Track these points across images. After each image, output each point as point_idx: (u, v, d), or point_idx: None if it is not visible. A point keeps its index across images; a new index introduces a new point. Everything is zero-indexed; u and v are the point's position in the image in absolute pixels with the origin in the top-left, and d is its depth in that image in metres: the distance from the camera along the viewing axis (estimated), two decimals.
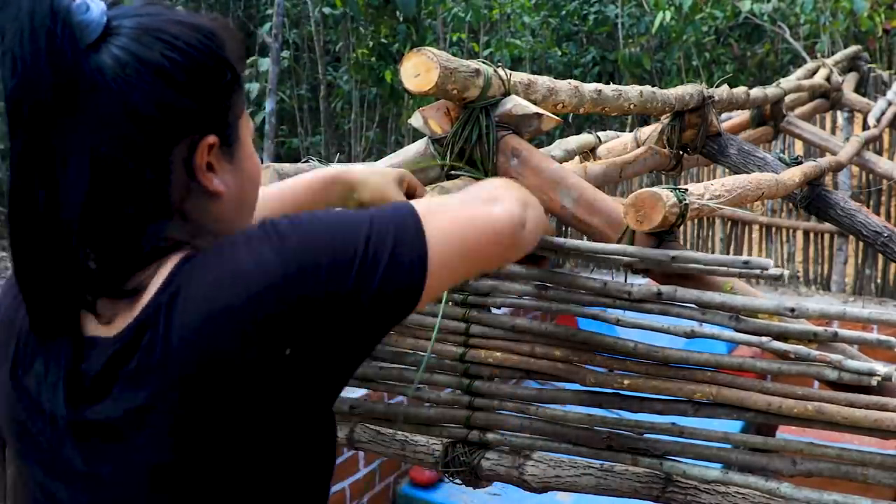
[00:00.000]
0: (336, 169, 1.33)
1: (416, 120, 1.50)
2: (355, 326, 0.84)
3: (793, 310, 1.24)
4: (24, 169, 0.80)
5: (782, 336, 1.26)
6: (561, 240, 1.37)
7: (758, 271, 1.23)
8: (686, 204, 1.35)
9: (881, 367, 1.22)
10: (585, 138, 2.39)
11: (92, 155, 0.81)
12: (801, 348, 1.24)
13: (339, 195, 1.32)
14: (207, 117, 0.87)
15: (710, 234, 6.30)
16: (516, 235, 0.98)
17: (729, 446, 1.36)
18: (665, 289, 1.30)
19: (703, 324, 1.31)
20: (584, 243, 1.37)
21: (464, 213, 0.94)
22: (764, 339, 1.25)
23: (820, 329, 1.26)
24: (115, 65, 0.81)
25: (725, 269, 1.27)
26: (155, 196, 0.85)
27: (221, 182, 0.89)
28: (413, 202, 0.92)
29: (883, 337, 1.22)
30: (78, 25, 0.80)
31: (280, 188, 1.24)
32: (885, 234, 2.33)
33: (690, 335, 1.31)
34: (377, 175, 1.34)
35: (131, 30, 0.83)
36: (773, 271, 1.23)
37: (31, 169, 0.80)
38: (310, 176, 1.27)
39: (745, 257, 1.26)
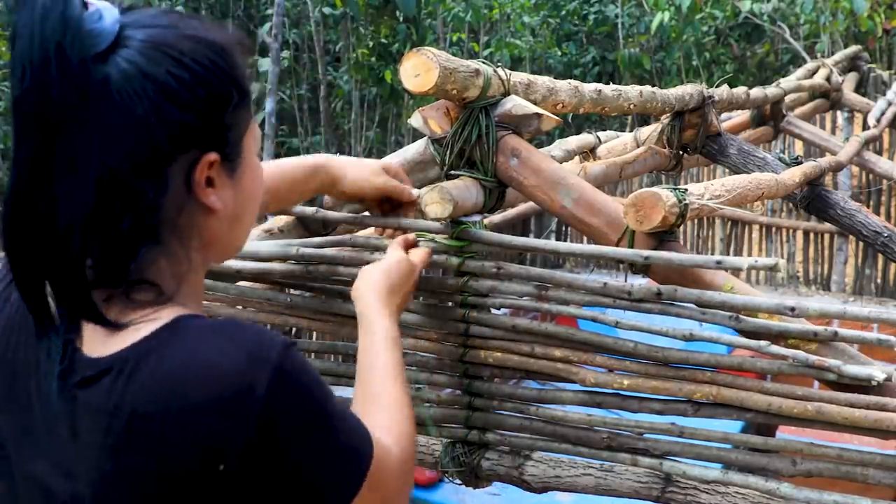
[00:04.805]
0: (321, 158, 1.39)
1: (415, 120, 1.50)
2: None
3: (793, 309, 1.24)
4: (27, 175, 0.80)
5: (782, 335, 1.26)
6: (534, 241, 1.37)
7: (754, 266, 1.23)
8: (686, 204, 1.35)
9: (879, 374, 1.21)
10: (585, 138, 2.39)
11: (96, 166, 0.80)
12: (800, 353, 1.24)
13: (323, 184, 1.40)
14: (209, 135, 0.87)
15: (711, 234, 6.30)
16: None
17: (729, 446, 1.36)
18: (665, 288, 1.30)
19: (703, 325, 1.30)
20: (563, 245, 1.39)
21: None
22: (763, 343, 1.25)
23: (820, 328, 1.25)
24: (120, 78, 0.81)
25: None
26: (150, 213, 0.85)
27: (219, 199, 0.90)
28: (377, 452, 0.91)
29: (883, 336, 1.22)
30: (89, 34, 0.80)
31: (268, 167, 1.26)
32: (885, 234, 2.33)
33: (689, 338, 1.30)
34: (357, 167, 1.41)
35: (141, 42, 0.83)
36: (767, 261, 1.22)
37: (34, 175, 0.79)
38: (297, 161, 1.33)
39: (717, 257, 1.27)
